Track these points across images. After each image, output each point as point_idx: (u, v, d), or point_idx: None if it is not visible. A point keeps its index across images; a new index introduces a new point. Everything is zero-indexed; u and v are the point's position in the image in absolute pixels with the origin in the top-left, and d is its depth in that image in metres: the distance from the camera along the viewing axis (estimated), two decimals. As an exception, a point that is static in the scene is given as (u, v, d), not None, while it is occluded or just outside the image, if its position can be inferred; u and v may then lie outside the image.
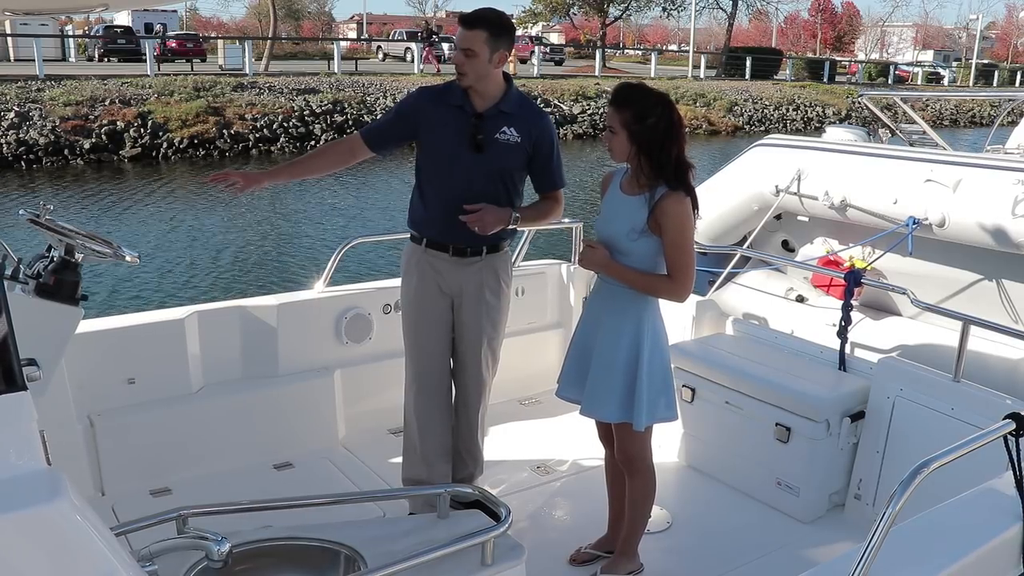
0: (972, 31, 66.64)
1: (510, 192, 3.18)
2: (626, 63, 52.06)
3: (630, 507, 3.04)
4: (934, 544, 2.14)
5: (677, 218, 2.70)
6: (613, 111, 2.74)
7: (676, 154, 2.71)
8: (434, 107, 3.16)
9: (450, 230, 3.12)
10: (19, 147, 18.30)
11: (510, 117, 3.12)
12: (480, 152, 3.08)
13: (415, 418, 3.36)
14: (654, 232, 2.72)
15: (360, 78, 26.89)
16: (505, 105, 3.12)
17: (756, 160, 5.37)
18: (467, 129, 3.08)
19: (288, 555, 2.04)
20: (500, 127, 3.10)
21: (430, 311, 3.28)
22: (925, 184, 4.41)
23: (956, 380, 3.28)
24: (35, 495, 1.27)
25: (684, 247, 2.73)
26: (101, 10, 2.72)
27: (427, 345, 3.31)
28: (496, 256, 3.26)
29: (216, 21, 73.58)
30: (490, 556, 1.91)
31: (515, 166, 3.17)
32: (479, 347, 3.30)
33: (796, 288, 5.13)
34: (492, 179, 3.12)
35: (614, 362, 2.82)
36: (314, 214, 15.33)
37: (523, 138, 3.13)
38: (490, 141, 3.09)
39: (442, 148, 3.15)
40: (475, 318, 3.26)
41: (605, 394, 2.85)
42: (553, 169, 3.25)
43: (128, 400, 3.56)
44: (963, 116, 39.05)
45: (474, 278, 3.22)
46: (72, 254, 2.50)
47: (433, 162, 3.18)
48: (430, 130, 3.16)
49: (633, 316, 2.82)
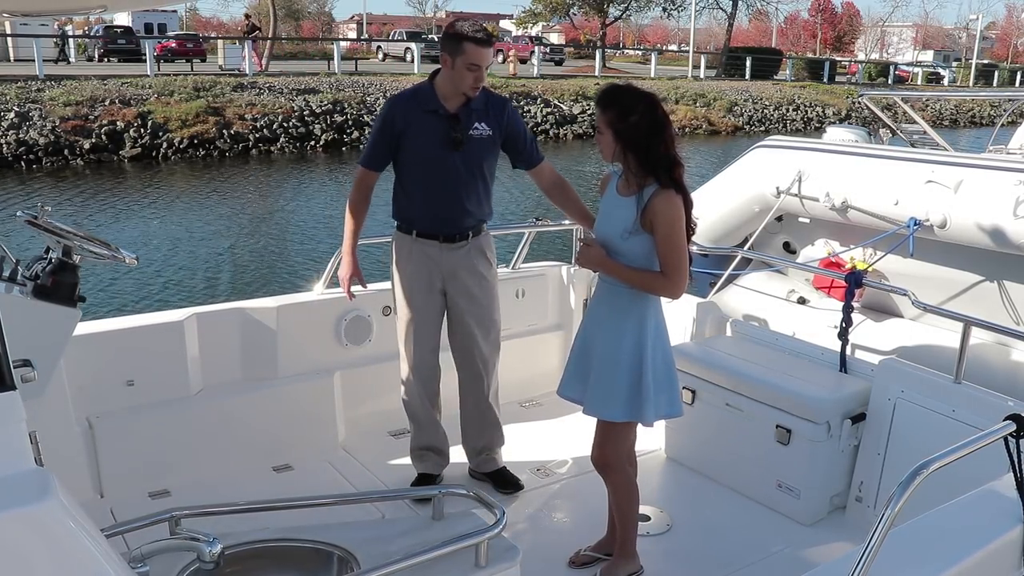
0: (972, 31, 66.69)
1: (486, 180, 3.48)
2: (626, 63, 52.08)
3: (616, 510, 3.06)
4: (934, 546, 2.13)
5: (667, 215, 2.72)
6: (599, 112, 2.80)
7: (663, 151, 2.73)
8: (411, 114, 3.38)
9: (437, 222, 3.44)
10: (19, 147, 18.31)
11: (480, 113, 3.40)
12: (459, 150, 3.35)
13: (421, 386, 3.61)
14: (646, 230, 2.75)
15: (360, 78, 26.89)
16: (474, 103, 3.38)
17: (757, 161, 5.37)
18: (445, 131, 3.35)
19: (281, 556, 2.04)
20: (473, 123, 3.38)
21: (426, 292, 3.51)
22: (926, 185, 4.41)
23: (957, 381, 3.27)
24: (23, 495, 1.27)
25: (675, 244, 2.75)
26: (101, 10, 2.72)
27: (426, 316, 3.54)
28: (481, 237, 3.55)
29: (216, 21, 73.66)
30: (484, 557, 1.91)
31: (490, 157, 3.46)
32: (484, 319, 3.57)
33: (797, 290, 5.13)
34: (471, 172, 3.41)
35: (618, 361, 2.83)
36: (316, 215, 15.33)
37: (494, 130, 3.42)
38: (466, 138, 3.36)
39: (425, 151, 3.38)
40: (469, 295, 3.53)
41: (610, 394, 2.85)
42: (529, 145, 3.55)
43: (127, 402, 3.55)
44: (963, 116, 39.05)
45: (464, 259, 3.50)
46: (70, 255, 2.49)
47: (417, 163, 3.42)
48: (412, 136, 3.38)
49: (635, 315, 2.83)
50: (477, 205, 3.47)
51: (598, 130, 2.82)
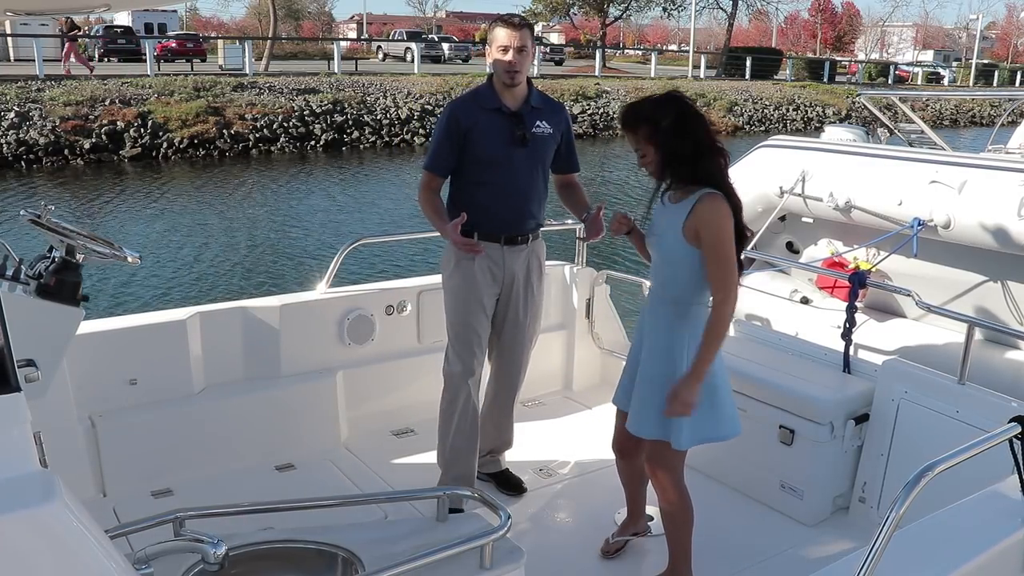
0: (972, 31, 66.71)
1: (546, 180, 3.46)
2: (626, 63, 52.07)
3: (667, 529, 2.99)
4: (939, 547, 2.13)
5: (713, 223, 2.59)
6: (631, 135, 2.69)
7: (707, 141, 2.64)
8: (474, 114, 3.31)
9: (502, 223, 3.37)
10: (19, 147, 18.31)
11: (540, 112, 3.37)
12: (525, 147, 3.31)
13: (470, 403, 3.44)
14: (689, 241, 2.64)
15: (360, 78, 26.88)
16: (533, 101, 3.36)
17: (760, 161, 5.36)
18: (509, 128, 3.29)
19: (285, 557, 2.03)
20: (535, 121, 3.34)
21: (487, 298, 3.42)
22: (930, 185, 4.40)
23: (961, 382, 3.26)
24: (28, 497, 1.27)
25: (721, 255, 2.60)
26: (103, 10, 2.71)
27: (480, 331, 3.43)
28: (537, 242, 3.53)
29: (216, 21, 73.67)
30: (489, 559, 1.91)
31: (550, 156, 3.44)
32: (527, 328, 3.56)
33: (800, 290, 5.12)
34: (534, 171, 3.37)
35: (653, 378, 2.79)
36: (317, 215, 15.33)
37: (554, 129, 3.40)
38: (531, 136, 3.32)
39: (491, 149, 3.31)
40: (524, 301, 3.50)
41: (645, 410, 2.81)
42: (573, 153, 3.56)
43: (130, 401, 3.55)
44: (963, 116, 39.05)
45: (523, 264, 3.47)
46: (73, 255, 2.48)
47: (482, 162, 3.33)
48: (478, 134, 3.30)
49: (675, 333, 2.74)
50: (538, 206, 3.44)
51: (640, 153, 2.70)
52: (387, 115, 24.05)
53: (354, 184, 18.32)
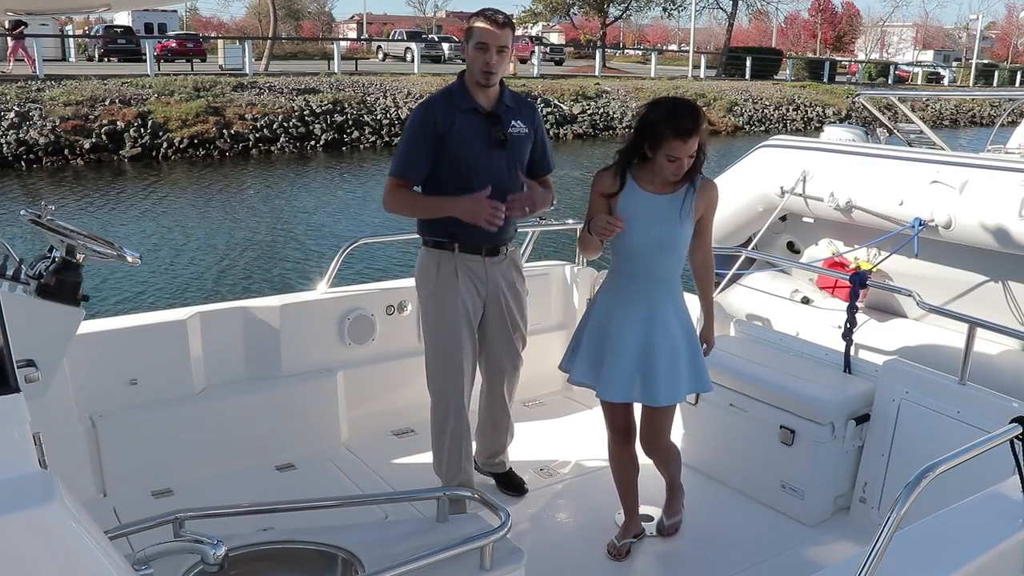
0: (972, 31, 66.70)
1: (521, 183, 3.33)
2: (626, 63, 52.08)
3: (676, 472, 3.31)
4: (939, 548, 2.13)
5: (716, 201, 2.98)
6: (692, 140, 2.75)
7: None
8: (450, 115, 3.16)
9: (483, 232, 3.15)
10: (19, 147, 18.31)
11: (514, 111, 3.27)
12: (503, 148, 3.20)
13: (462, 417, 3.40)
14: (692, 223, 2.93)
15: (360, 78, 26.89)
16: (507, 100, 3.26)
17: (761, 161, 5.36)
18: (488, 129, 3.18)
19: (285, 559, 2.03)
20: (511, 121, 3.24)
21: (472, 315, 3.34)
22: (931, 185, 4.40)
23: (962, 383, 3.26)
24: (27, 498, 1.27)
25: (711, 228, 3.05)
26: (103, 10, 2.71)
27: (466, 346, 3.34)
28: (514, 251, 3.47)
29: (216, 21, 73.67)
30: (489, 560, 1.90)
31: (526, 156, 3.32)
32: (517, 332, 3.51)
33: (801, 290, 5.12)
34: (512, 172, 3.24)
35: (675, 347, 2.97)
36: (317, 215, 15.32)
37: (529, 128, 3.30)
38: (508, 137, 3.22)
39: (469, 151, 3.17)
40: (511, 308, 3.45)
41: (675, 377, 2.98)
42: (548, 153, 3.45)
43: (130, 401, 3.54)
44: (963, 116, 39.06)
45: (504, 274, 3.40)
46: (73, 255, 2.48)
47: (460, 166, 3.17)
48: (455, 136, 3.15)
49: (671, 301, 2.98)
50: None
51: (690, 156, 2.77)
52: (387, 115, 24.06)
53: (354, 184, 18.31)
